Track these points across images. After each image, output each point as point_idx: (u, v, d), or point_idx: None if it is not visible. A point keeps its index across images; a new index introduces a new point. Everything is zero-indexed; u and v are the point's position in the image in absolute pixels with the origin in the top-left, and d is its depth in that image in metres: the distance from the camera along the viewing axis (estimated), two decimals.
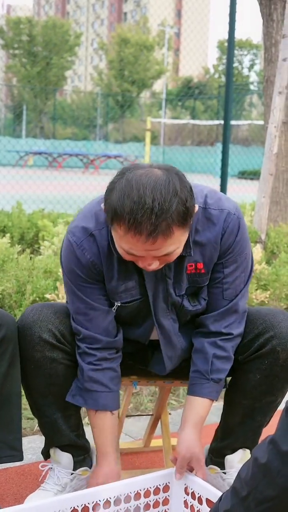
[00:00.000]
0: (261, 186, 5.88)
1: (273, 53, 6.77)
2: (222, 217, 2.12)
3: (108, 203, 1.92)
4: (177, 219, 1.86)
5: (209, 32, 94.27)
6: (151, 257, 1.94)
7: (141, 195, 1.84)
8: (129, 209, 1.84)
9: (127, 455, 2.88)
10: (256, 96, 50.13)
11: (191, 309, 2.23)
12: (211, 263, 2.16)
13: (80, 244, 2.11)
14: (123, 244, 1.93)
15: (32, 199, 10.32)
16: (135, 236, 1.86)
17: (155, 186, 1.85)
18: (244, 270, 2.22)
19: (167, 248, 1.92)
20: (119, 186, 1.89)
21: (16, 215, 6.16)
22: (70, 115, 55.59)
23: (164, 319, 2.22)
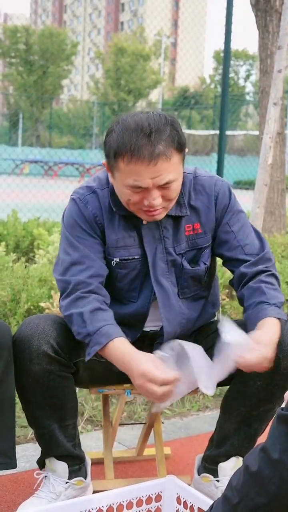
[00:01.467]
0: (256, 197, 5.89)
1: (268, 64, 6.82)
2: (212, 182, 2.32)
3: (109, 144, 2.11)
4: (172, 141, 2.06)
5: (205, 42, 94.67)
6: (155, 188, 2.08)
7: (137, 123, 2.04)
8: (129, 138, 2.03)
9: (120, 463, 2.88)
10: (252, 107, 50.25)
11: (190, 269, 2.31)
12: (207, 222, 2.30)
13: (83, 199, 2.26)
14: (127, 179, 2.08)
15: (28, 207, 10.32)
16: (138, 161, 2.03)
17: (149, 116, 2.07)
18: (250, 231, 2.36)
19: (167, 175, 2.07)
20: (117, 127, 2.09)
21: (11, 224, 6.16)
22: (66, 124, 55.61)
23: (163, 279, 2.29)
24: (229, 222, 2.32)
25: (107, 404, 2.67)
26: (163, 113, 2.12)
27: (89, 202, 2.26)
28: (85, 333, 2.13)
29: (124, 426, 3.27)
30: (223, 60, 8.82)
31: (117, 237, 2.26)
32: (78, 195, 2.28)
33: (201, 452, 2.56)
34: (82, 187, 2.31)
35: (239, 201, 2.40)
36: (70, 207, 2.29)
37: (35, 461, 2.79)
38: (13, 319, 3.63)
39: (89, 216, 2.25)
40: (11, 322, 3.60)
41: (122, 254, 2.27)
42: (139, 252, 2.28)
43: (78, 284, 2.19)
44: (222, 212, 2.31)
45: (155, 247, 2.27)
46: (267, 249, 2.35)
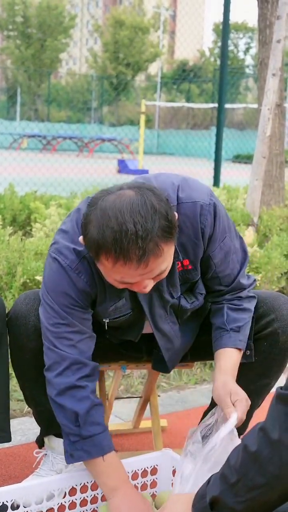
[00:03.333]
0: (254, 169, 5.85)
1: (267, 35, 6.72)
2: (197, 211, 2.05)
3: (88, 238, 1.83)
4: (162, 235, 1.80)
5: (204, 14, 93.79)
6: (145, 280, 1.88)
7: (120, 222, 1.76)
8: (112, 239, 1.76)
9: (116, 436, 2.88)
10: (252, 80, 49.97)
11: (189, 307, 2.20)
12: (196, 259, 2.12)
13: (75, 267, 2.02)
14: (114, 275, 1.86)
15: (25, 181, 10.27)
16: (126, 265, 1.79)
17: (132, 208, 1.77)
18: (234, 251, 2.20)
19: (159, 268, 1.86)
20: (95, 218, 1.80)
21: (8, 197, 6.11)
22: (64, 98, 55.32)
23: (163, 325, 2.19)
24: (212, 254, 2.13)
25: (102, 379, 2.66)
26: (147, 194, 1.82)
27: (82, 272, 2.03)
28: (76, 434, 2.03)
29: (120, 400, 3.26)
30: (222, 32, 8.73)
31: (108, 304, 2.11)
32: (67, 262, 2.03)
33: (196, 425, 2.54)
34: (69, 250, 2.03)
35: (224, 212, 2.16)
36: (59, 276, 2.04)
37: (31, 435, 2.80)
38: (9, 292, 3.60)
39: (83, 287, 2.04)
40: (6, 295, 3.57)
41: (111, 315, 2.15)
42: (130, 306, 2.14)
43: (73, 364, 2.04)
44: (208, 243, 2.11)
45: (150, 298, 2.13)
46: (242, 270, 2.24)
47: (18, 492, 2.00)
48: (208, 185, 2.18)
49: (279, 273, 4.55)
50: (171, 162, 22.79)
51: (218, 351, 2.16)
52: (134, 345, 2.37)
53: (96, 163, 20.06)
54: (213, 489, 1.57)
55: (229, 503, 1.53)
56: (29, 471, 2.49)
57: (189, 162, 20.47)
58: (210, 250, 2.12)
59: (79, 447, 2.02)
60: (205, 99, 51.78)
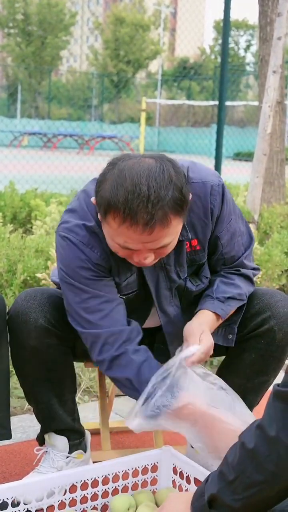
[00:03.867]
0: (255, 166, 5.85)
1: (268, 32, 6.73)
2: (207, 190, 2.08)
3: (100, 195, 1.85)
4: (173, 207, 1.81)
5: (205, 12, 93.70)
6: (147, 250, 1.88)
7: (135, 183, 1.77)
8: (124, 199, 1.77)
9: (117, 434, 2.88)
10: (252, 77, 49.90)
11: (194, 289, 2.20)
12: (205, 239, 2.13)
13: (87, 242, 2.02)
14: (117, 238, 1.87)
15: (26, 179, 10.27)
16: (131, 227, 1.80)
17: (149, 173, 1.79)
18: (240, 234, 2.22)
19: (163, 240, 1.86)
20: (111, 177, 1.83)
21: (8, 195, 6.12)
22: (65, 95, 55.29)
23: (168, 307, 2.19)
24: (219, 234, 2.14)
25: (103, 376, 2.66)
26: (166, 164, 1.84)
27: (94, 246, 2.03)
28: (139, 396, 2.01)
29: (121, 397, 3.26)
30: (223, 29, 8.70)
31: (119, 278, 2.11)
32: (79, 238, 2.03)
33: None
34: (79, 226, 2.04)
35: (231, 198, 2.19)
36: (72, 253, 2.04)
37: (31, 432, 2.80)
38: (9, 290, 3.61)
39: (97, 260, 2.03)
40: (7, 293, 3.58)
41: (123, 291, 2.14)
42: (138, 284, 2.14)
43: (109, 337, 2.04)
44: (216, 223, 2.13)
45: (157, 277, 2.13)
46: (246, 252, 2.26)
47: (18, 489, 2.00)
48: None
49: (280, 270, 4.56)
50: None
51: (197, 312, 2.16)
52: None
53: (97, 160, 20.01)
54: (211, 487, 1.58)
55: (227, 501, 1.53)
56: (29, 468, 2.48)
57: (190, 159, 20.44)
58: (218, 230, 2.13)
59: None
60: (205, 97, 51.73)
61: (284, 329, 2.21)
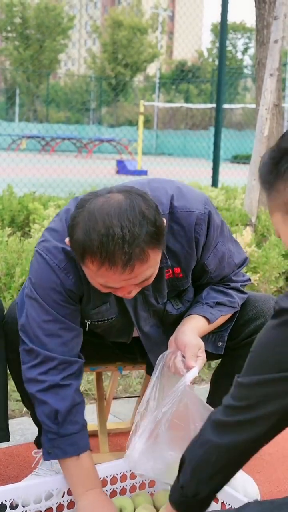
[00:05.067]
0: (252, 169, 5.86)
1: (265, 35, 6.73)
2: (192, 221, 2.03)
3: (75, 240, 1.82)
4: (149, 241, 1.78)
5: (203, 15, 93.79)
6: (129, 286, 1.87)
7: (107, 226, 1.74)
8: (98, 243, 1.74)
9: (115, 436, 2.88)
10: (250, 80, 49.97)
11: (175, 313, 2.19)
12: (188, 268, 2.11)
13: (63, 267, 2.00)
14: (98, 279, 1.85)
15: (24, 182, 10.28)
16: (111, 269, 1.78)
17: (120, 212, 1.76)
18: (230, 255, 2.19)
19: (144, 274, 1.85)
20: (82, 221, 1.79)
21: (6, 198, 6.11)
22: (63, 99, 55.31)
23: (146, 327, 2.18)
24: (206, 262, 2.12)
25: (100, 380, 2.67)
26: (136, 198, 1.80)
27: (69, 272, 2.00)
28: (54, 431, 2.02)
29: (119, 399, 3.27)
30: (220, 32, 8.74)
31: (90, 306, 2.10)
32: (56, 262, 2.00)
33: None
34: (58, 249, 2.00)
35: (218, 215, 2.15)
36: (46, 275, 2.01)
37: (30, 435, 2.81)
38: (8, 293, 3.61)
39: (71, 287, 2.01)
40: (5, 296, 3.58)
41: (94, 318, 2.14)
42: (114, 312, 2.13)
43: (60, 364, 2.02)
44: (202, 251, 2.10)
45: (135, 301, 2.11)
46: (236, 271, 2.24)
47: (17, 492, 2.01)
48: (205, 192, 2.17)
49: (277, 273, 4.56)
50: (169, 162, 22.81)
51: (186, 317, 2.15)
52: (127, 347, 2.37)
53: (95, 163, 20.09)
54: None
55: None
56: (28, 471, 2.49)
57: (188, 162, 20.50)
58: (204, 258, 2.11)
59: (56, 445, 2.03)
60: (203, 100, 51.74)
61: None
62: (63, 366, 2.04)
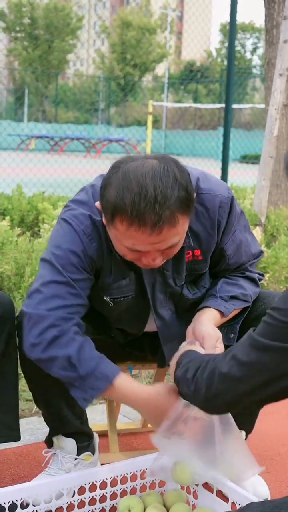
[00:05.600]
0: (261, 169, 5.86)
1: (274, 35, 6.73)
2: (216, 203, 2.08)
3: (106, 199, 1.84)
4: (180, 206, 1.81)
5: (211, 15, 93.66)
6: (155, 251, 1.88)
7: (141, 185, 1.77)
8: (131, 201, 1.77)
9: (125, 436, 2.89)
10: (259, 80, 49.88)
11: (191, 297, 2.21)
12: (208, 250, 2.14)
13: (89, 233, 2.02)
14: (125, 241, 1.86)
15: (33, 182, 10.29)
16: (140, 229, 1.79)
17: (154, 174, 1.79)
18: (247, 244, 2.23)
19: (171, 240, 1.86)
20: (116, 180, 1.82)
21: (16, 198, 6.14)
22: (72, 99, 55.35)
23: (162, 310, 2.20)
24: (225, 246, 2.16)
25: None
26: (170, 164, 1.84)
27: (94, 238, 2.02)
28: (76, 377, 1.98)
29: None
30: (229, 32, 8.71)
31: (110, 279, 2.10)
32: (82, 227, 2.02)
33: None
34: (85, 216, 2.02)
35: (238, 203, 2.20)
36: (70, 238, 2.02)
37: (40, 435, 2.81)
38: (18, 293, 3.62)
39: (92, 253, 2.02)
40: (15, 296, 3.59)
41: (113, 294, 2.14)
42: (132, 289, 2.14)
43: (57, 320, 1.97)
44: (222, 235, 2.13)
45: (154, 281, 2.13)
46: (253, 261, 2.27)
47: (27, 491, 2.01)
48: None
49: (287, 272, 4.56)
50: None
51: (200, 309, 2.16)
52: (138, 344, 2.38)
53: (104, 163, 19.99)
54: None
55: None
56: (38, 470, 2.50)
57: (197, 162, 20.45)
58: (223, 242, 2.15)
59: (87, 387, 1.98)
60: (212, 100, 51.70)
61: None
62: (59, 322, 1.98)
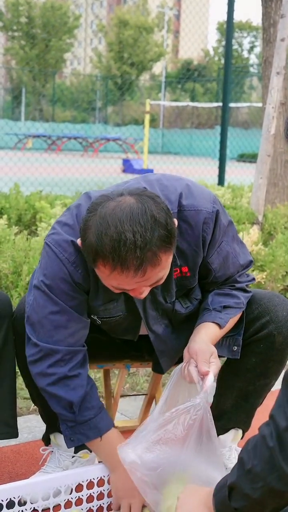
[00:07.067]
0: (259, 167, 5.86)
1: (271, 34, 6.73)
2: (200, 219, 2.03)
3: (87, 243, 1.83)
4: (161, 245, 1.79)
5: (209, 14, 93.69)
6: (141, 287, 1.88)
7: (119, 231, 1.75)
8: (111, 248, 1.75)
9: (123, 433, 2.85)
10: (256, 79, 49.92)
11: (184, 312, 2.20)
12: (195, 266, 2.11)
13: (73, 260, 2.01)
14: (111, 282, 1.87)
15: (30, 181, 10.30)
16: (123, 273, 1.79)
17: (132, 217, 1.76)
18: (235, 255, 2.19)
19: (156, 276, 1.86)
20: (94, 225, 1.80)
21: (13, 197, 6.13)
22: (69, 98, 55.31)
23: (156, 327, 2.19)
24: (209, 260, 2.12)
25: (108, 377, 2.67)
26: (147, 202, 1.80)
27: (78, 264, 2.01)
28: (72, 420, 2.06)
29: (126, 397, 3.27)
30: (226, 31, 8.74)
31: (98, 303, 2.11)
32: (66, 255, 2.01)
33: None
34: (66, 241, 2.01)
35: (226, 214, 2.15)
36: (55, 264, 2.02)
37: (37, 433, 2.81)
38: (15, 291, 3.62)
39: (79, 280, 2.03)
40: (12, 294, 3.59)
41: (101, 315, 2.16)
42: (122, 309, 2.14)
43: (66, 355, 2.04)
44: (207, 249, 2.10)
45: (144, 300, 2.12)
46: (241, 272, 2.24)
47: (25, 489, 2.02)
48: (211, 190, 2.16)
49: (284, 271, 4.56)
50: (175, 161, 22.76)
51: (197, 326, 2.15)
52: (135, 344, 2.38)
53: (101, 162, 20.09)
54: (231, 476, 1.55)
55: (245, 490, 1.50)
56: (35, 468, 2.50)
57: (194, 161, 20.49)
58: (208, 256, 2.11)
59: (77, 431, 2.06)
60: (209, 98, 51.69)
61: (283, 333, 2.21)
62: (69, 357, 2.05)
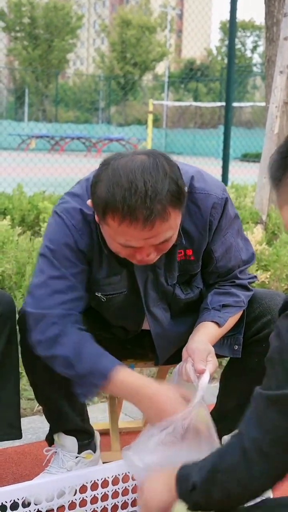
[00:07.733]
0: (262, 167, 5.85)
1: (274, 33, 6.72)
2: (209, 204, 2.06)
3: (97, 196, 1.84)
4: (171, 199, 1.81)
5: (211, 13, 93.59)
6: (149, 247, 1.87)
7: (131, 180, 1.77)
8: (121, 197, 1.77)
9: (127, 434, 2.88)
10: (259, 78, 49.87)
11: (183, 297, 2.20)
12: (200, 250, 2.12)
13: (79, 228, 2.03)
14: (118, 238, 1.86)
15: (34, 182, 10.30)
16: (131, 224, 1.79)
17: (144, 169, 1.79)
18: (237, 249, 2.19)
19: (164, 234, 1.86)
20: (106, 177, 1.82)
21: (16, 198, 6.15)
22: (72, 98, 55.34)
23: (155, 309, 2.19)
24: (213, 247, 2.13)
25: None
26: (159, 158, 1.84)
27: (84, 233, 2.04)
28: (76, 375, 2.01)
29: None
30: (229, 30, 8.72)
31: (102, 275, 2.11)
32: (72, 221, 2.04)
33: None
34: (75, 209, 2.05)
35: (233, 206, 2.17)
36: (62, 234, 2.04)
37: (41, 434, 2.81)
38: (18, 292, 3.62)
39: (82, 247, 2.04)
40: (16, 295, 3.59)
41: (105, 290, 2.15)
42: (125, 285, 2.14)
43: (58, 317, 2.01)
44: (213, 235, 2.12)
45: (146, 278, 2.12)
46: (242, 267, 2.23)
47: (29, 490, 2.01)
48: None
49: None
50: (179, 161, 22.71)
51: (196, 326, 2.15)
52: (138, 341, 2.38)
53: None
54: (195, 475, 1.55)
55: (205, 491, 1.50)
56: (39, 469, 2.49)
57: (197, 161, 20.41)
58: (212, 243, 2.12)
59: (84, 383, 2.00)
60: (212, 98, 51.65)
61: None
62: (62, 320, 2.01)
